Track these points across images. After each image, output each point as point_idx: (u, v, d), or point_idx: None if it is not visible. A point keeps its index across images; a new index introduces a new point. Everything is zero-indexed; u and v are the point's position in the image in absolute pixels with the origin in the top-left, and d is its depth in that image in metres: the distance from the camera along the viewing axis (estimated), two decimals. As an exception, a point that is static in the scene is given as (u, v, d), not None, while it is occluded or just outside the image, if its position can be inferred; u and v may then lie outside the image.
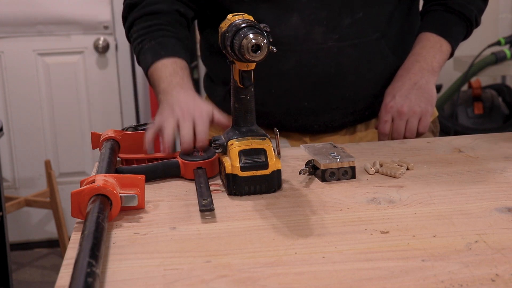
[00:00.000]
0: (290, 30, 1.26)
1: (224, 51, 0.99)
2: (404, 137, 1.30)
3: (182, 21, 1.33)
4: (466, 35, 1.41)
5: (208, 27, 1.40)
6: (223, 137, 1.03)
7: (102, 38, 3.23)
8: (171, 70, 1.23)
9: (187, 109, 1.13)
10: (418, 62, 1.33)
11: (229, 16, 0.99)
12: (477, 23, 1.41)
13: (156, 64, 1.24)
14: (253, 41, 0.91)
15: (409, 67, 1.33)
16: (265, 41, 0.91)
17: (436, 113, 1.45)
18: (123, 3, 1.36)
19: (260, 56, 0.92)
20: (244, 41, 0.91)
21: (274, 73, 1.28)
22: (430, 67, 1.33)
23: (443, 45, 1.35)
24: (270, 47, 0.92)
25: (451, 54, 1.38)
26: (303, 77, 1.29)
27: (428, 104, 1.31)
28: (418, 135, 1.31)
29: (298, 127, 1.36)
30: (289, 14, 1.25)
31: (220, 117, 1.15)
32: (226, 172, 0.98)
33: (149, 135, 1.13)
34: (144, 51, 1.28)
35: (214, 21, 1.37)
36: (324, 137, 1.38)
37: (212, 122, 1.15)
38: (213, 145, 1.02)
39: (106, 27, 3.21)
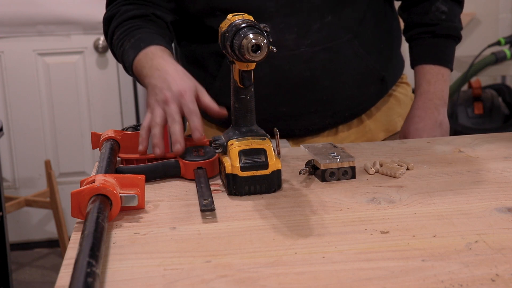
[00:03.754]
0: None
1: (224, 51, 0.99)
2: None
3: (160, 22, 1.33)
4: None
5: (183, 39, 1.40)
6: (223, 137, 1.03)
7: (102, 38, 3.23)
8: (150, 55, 1.22)
9: (171, 96, 1.12)
10: (431, 100, 1.38)
11: (229, 16, 0.99)
12: (461, 36, 1.45)
13: (137, 57, 1.23)
14: (253, 41, 0.91)
15: (425, 107, 1.38)
16: (265, 41, 0.91)
17: None
18: (102, 21, 1.36)
19: (260, 56, 0.92)
20: (244, 41, 0.91)
21: None
22: (442, 101, 1.40)
23: (445, 74, 1.40)
24: (270, 47, 0.92)
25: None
26: (278, 83, 1.30)
27: (447, 134, 1.42)
28: None
29: (280, 131, 1.36)
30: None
31: (208, 100, 1.15)
32: (226, 172, 0.98)
33: (141, 135, 1.13)
34: (126, 51, 1.27)
35: (189, 32, 1.38)
36: (306, 140, 1.38)
37: (199, 102, 1.14)
38: (213, 145, 1.02)
39: (106, 27, 3.21)
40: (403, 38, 1.48)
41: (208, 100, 1.14)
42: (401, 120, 1.44)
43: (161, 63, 1.18)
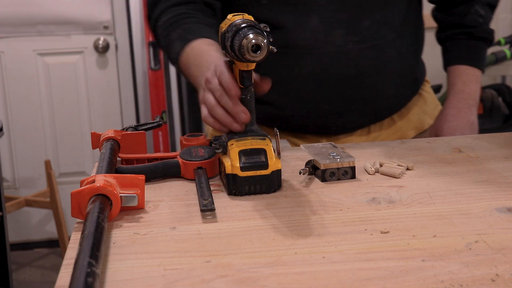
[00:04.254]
0: (309, 33, 1.26)
1: (224, 51, 0.99)
2: None
3: (208, 11, 1.31)
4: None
5: None
6: (223, 137, 1.03)
7: (102, 38, 3.23)
8: (198, 52, 1.18)
9: (210, 73, 1.05)
10: (465, 100, 1.41)
11: (229, 16, 0.99)
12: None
13: (184, 50, 1.21)
14: (253, 41, 0.91)
15: (459, 106, 1.40)
16: (265, 41, 0.91)
17: None
18: (147, 4, 1.35)
19: (260, 56, 0.92)
20: (244, 41, 0.91)
21: (294, 76, 1.28)
22: (475, 102, 1.43)
23: (478, 76, 1.43)
24: (270, 47, 0.92)
25: None
26: (323, 80, 1.29)
27: (476, 133, 1.43)
28: None
29: (316, 129, 1.36)
30: (309, 17, 1.25)
31: (229, 79, 1.02)
32: (226, 172, 0.98)
33: (210, 124, 1.07)
34: (172, 42, 1.25)
35: None
36: (340, 138, 1.39)
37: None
38: (213, 145, 1.02)
39: (106, 27, 3.22)
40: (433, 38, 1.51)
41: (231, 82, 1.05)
42: (428, 118, 1.45)
43: (209, 60, 1.14)
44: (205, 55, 1.17)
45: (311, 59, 1.02)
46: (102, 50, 3.24)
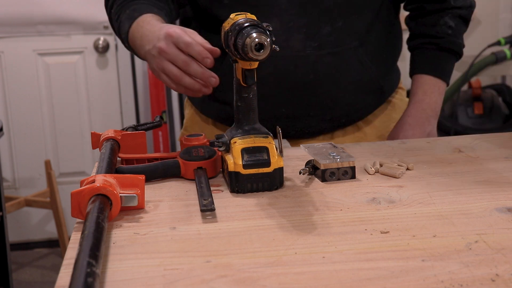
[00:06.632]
0: None
1: (227, 50, 1.00)
2: None
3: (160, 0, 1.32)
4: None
5: (190, 27, 1.40)
6: (226, 135, 1.03)
7: (102, 38, 3.23)
8: (141, 23, 1.21)
9: (163, 43, 1.10)
10: (424, 111, 1.39)
11: (232, 15, 1.00)
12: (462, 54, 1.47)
13: (131, 27, 1.22)
14: (257, 40, 0.91)
15: (418, 116, 1.39)
16: (268, 40, 0.92)
17: None
18: None
19: (263, 54, 0.92)
20: (248, 40, 0.92)
21: None
22: (435, 113, 1.40)
23: (441, 87, 1.41)
24: (273, 46, 0.93)
25: None
26: (280, 83, 1.29)
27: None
28: None
29: (274, 131, 1.36)
30: (269, 20, 1.25)
31: (199, 38, 1.11)
32: (229, 170, 0.99)
33: (175, 89, 1.14)
34: (122, 23, 1.26)
35: (195, 23, 1.37)
36: (301, 142, 1.38)
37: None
38: (216, 143, 1.03)
39: (106, 27, 3.22)
40: (403, 48, 1.49)
41: (199, 38, 1.11)
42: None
43: (150, 29, 1.17)
44: (146, 25, 1.19)
45: (269, 62, 1.03)
46: (102, 50, 3.24)
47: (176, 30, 1.10)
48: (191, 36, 1.10)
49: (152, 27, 1.18)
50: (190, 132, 1.43)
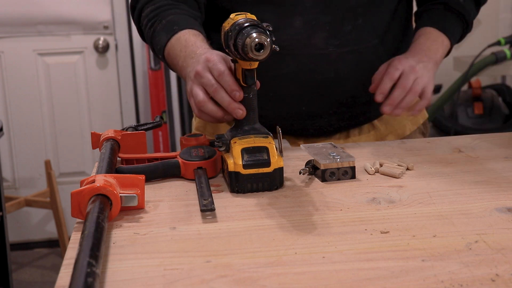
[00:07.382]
0: (292, 34, 1.26)
1: (227, 50, 1.00)
2: (404, 97, 1.24)
3: (191, 2, 1.30)
4: (461, 37, 1.41)
5: (210, 29, 1.38)
6: (226, 135, 1.03)
7: (102, 38, 3.23)
8: (184, 42, 1.18)
9: (200, 67, 1.07)
10: (425, 51, 1.30)
11: (232, 15, 0.99)
12: (471, 27, 1.41)
13: (170, 41, 1.21)
14: (257, 40, 0.92)
15: (417, 51, 1.30)
16: (268, 40, 0.92)
17: (426, 115, 1.46)
18: None
19: (263, 55, 0.92)
20: (248, 40, 0.92)
21: (273, 76, 1.28)
22: (434, 59, 1.31)
23: (444, 40, 1.34)
24: (273, 46, 0.93)
25: (448, 53, 1.38)
26: (302, 82, 1.29)
27: (430, 83, 1.27)
28: (415, 110, 1.28)
29: (293, 130, 1.36)
30: (292, 18, 1.25)
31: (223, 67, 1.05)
32: (229, 170, 0.99)
33: (202, 118, 1.10)
34: (157, 33, 1.24)
35: (216, 22, 1.36)
36: (318, 141, 1.38)
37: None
38: (216, 143, 1.03)
39: (106, 27, 3.22)
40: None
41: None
42: (410, 124, 1.43)
43: (195, 51, 1.15)
44: (191, 46, 1.17)
45: (291, 60, 1.02)
46: (102, 50, 3.24)
47: (215, 56, 1.07)
48: (227, 65, 1.06)
49: (197, 48, 1.15)
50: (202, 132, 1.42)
